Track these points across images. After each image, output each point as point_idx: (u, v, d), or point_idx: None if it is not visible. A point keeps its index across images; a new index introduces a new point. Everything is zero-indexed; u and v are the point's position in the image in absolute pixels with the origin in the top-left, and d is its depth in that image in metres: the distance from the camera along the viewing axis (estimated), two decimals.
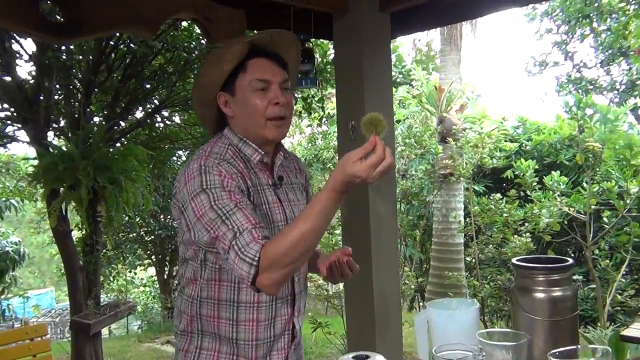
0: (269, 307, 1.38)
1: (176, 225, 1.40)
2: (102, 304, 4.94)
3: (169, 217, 9.44)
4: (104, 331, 5.62)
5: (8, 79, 4.52)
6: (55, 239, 4.87)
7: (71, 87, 4.94)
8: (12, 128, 5.07)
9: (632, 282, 5.39)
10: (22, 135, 4.90)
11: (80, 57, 4.91)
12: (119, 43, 4.81)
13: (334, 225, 5.46)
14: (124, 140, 5.45)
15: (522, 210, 5.13)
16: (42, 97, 4.63)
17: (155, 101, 5.79)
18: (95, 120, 5.23)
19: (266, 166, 1.44)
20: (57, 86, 4.82)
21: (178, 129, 6.44)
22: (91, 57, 4.79)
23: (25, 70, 7.35)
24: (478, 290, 5.32)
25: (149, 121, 5.86)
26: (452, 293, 5.82)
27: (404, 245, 7.33)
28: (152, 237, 10.12)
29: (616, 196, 4.64)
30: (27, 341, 2.59)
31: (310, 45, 3.14)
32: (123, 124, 5.53)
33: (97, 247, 4.67)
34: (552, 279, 1.42)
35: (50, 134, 4.84)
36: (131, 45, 4.81)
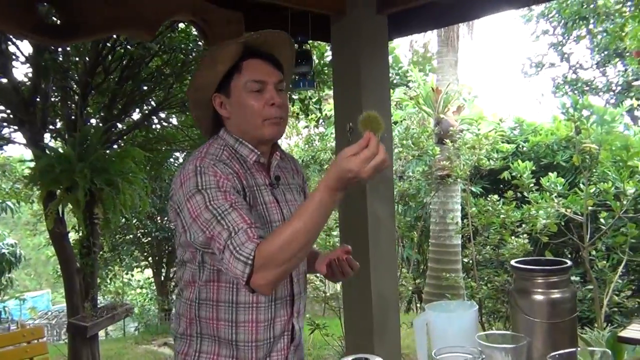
0: (268, 308, 1.37)
1: (173, 227, 1.40)
2: (99, 306, 4.93)
3: (165, 218, 9.42)
4: (100, 333, 5.61)
5: (4, 80, 4.50)
6: (52, 241, 4.85)
7: (68, 89, 4.92)
8: (9, 130, 5.05)
9: (629, 283, 5.40)
10: (19, 137, 4.89)
11: (77, 59, 4.90)
12: (116, 45, 4.81)
13: (331, 227, 5.45)
14: (121, 142, 5.44)
15: (520, 212, 5.13)
16: (38, 99, 4.62)
17: (152, 103, 5.78)
18: (92, 122, 5.22)
19: (263, 167, 1.43)
20: (54, 88, 4.81)
21: (175, 130, 6.43)
22: (88, 58, 4.78)
23: (21, 72, 7.36)
24: (475, 291, 5.32)
25: (146, 123, 5.84)
26: (450, 294, 5.83)
27: (402, 246, 7.33)
28: (149, 238, 10.10)
29: (613, 197, 4.64)
30: (24, 344, 2.59)
31: (308, 47, 3.14)
32: (120, 126, 5.52)
33: (94, 249, 4.66)
34: (551, 281, 1.42)
35: (46, 136, 4.83)
36: (128, 47, 4.80)
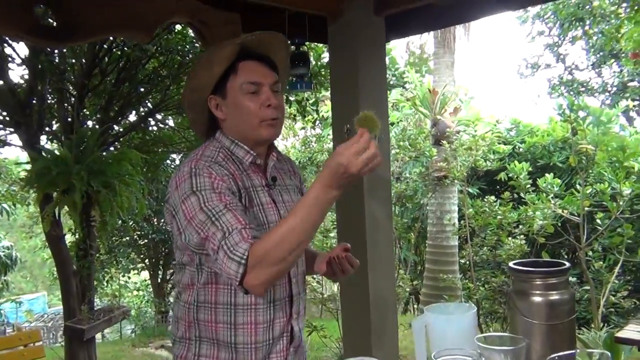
0: (266, 309, 1.37)
1: (170, 229, 1.40)
2: (96, 309, 4.91)
3: (162, 220, 9.38)
4: (97, 336, 5.57)
5: (0, 82, 4.48)
6: (48, 243, 4.83)
7: (64, 91, 4.90)
8: (5, 132, 5.02)
9: (625, 283, 5.41)
10: (15, 139, 4.87)
11: (74, 61, 4.89)
12: (113, 46, 4.79)
13: (328, 229, 5.45)
14: (117, 144, 5.42)
15: (516, 213, 5.15)
16: (35, 101, 4.59)
17: (149, 105, 5.77)
18: (89, 124, 5.20)
19: (259, 168, 1.43)
20: (50, 90, 4.79)
21: (172, 132, 6.42)
22: (84, 60, 4.77)
23: (17, 73, 7.31)
24: (473, 292, 5.33)
25: (143, 125, 5.83)
26: (447, 295, 5.83)
27: (399, 247, 7.33)
28: (146, 240, 10.05)
29: (609, 198, 4.66)
30: (21, 347, 2.58)
31: (305, 49, 3.14)
32: (117, 128, 5.50)
33: (90, 252, 4.64)
34: (550, 283, 1.43)
35: (42, 138, 4.81)
36: (125, 48, 4.78)
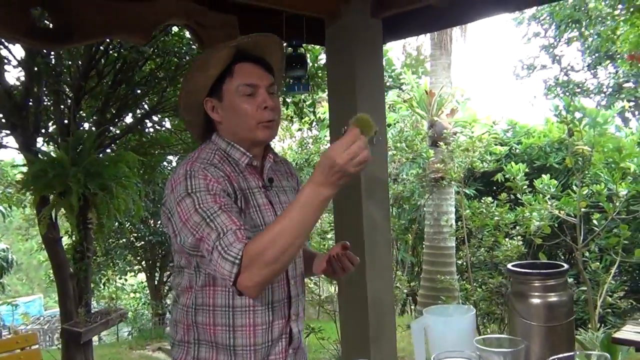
0: (265, 311, 1.36)
1: (167, 232, 1.40)
2: (93, 312, 4.89)
3: (159, 222, 9.37)
4: (94, 338, 5.56)
5: None
6: (45, 246, 4.82)
7: (61, 93, 4.89)
8: (0, 134, 5.00)
9: (622, 284, 5.44)
10: (11, 141, 4.85)
11: (70, 63, 4.88)
12: (110, 48, 4.78)
13: (326, 230, 5.46)
14: (114, 146, 5.41)
15: (513, 214, 5.16)
16: (31, 103, 4.58)
17: (146, 106, 5.76)
18: (85, 126, 5.19)
19: (255, 169, 1.43)
20: (46, 92, 4.78)
21: (169, 134, 6.41)
22: (81, 62, 4.75)
23: (13, 75, 7.29)
24: (470, 293, 5.33)
25: (139, 127, 5.81)
26: (444, 297, 5.84)
27: (396, 249, 7.34)
28: (142, 242, 10.03)
29: (605, 199, 4.68)
30: (18, 351, 2.56)
31: (303, 51, 3.14)
32: (113, 130, 5.49)
33: (87, 254, 4.63)
34: (548, 285, 1.43)
35: (39, 140, 4.79)
36: (121, 50, 4.78)
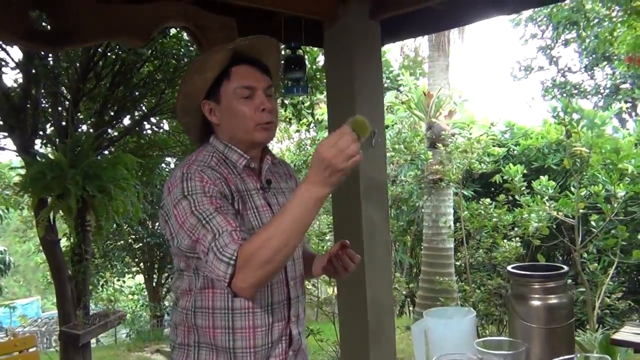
0: (264, 313, 1.36)
1: (165, 235, 1.40)
2: (91, 314, 4.88)
3: (157, 224, 9.37)
4: (92, 340, 5.54)
5: None
6: (43, 248, 4.80)
7: (59, 95, 4.88)
8: None
9: (620, 285, 5.44)
10: (9, 144, 4.84)
11: (68, 65, 4.87)
12: (108, 50, 4.78)
13: (324, 232, 5.46)
14: (112, 148, 5.41)
15: (511, 215, 5.16)
16: (29, 105, 4.57)
17: (144, 108, 5.76)
18: (84, 128, 5.19)
19: (253, 171, 1.43)
20: (44, 94, 4.77)
21: (167, 136, 6.41)
22: (79, 64, 4.75)
23: (11, 77, 7.27)
24: (469, 295, 5.33)
25: (138, 128, 5.81)
26: (443, 298, 5.84)
27: (395, 250, 7.34)
28: (140, 244, 10.03)
29: (603, 200, 4.68)
30: (16, 353, 2.56)
31: (301, 53, 3.14)
32: (111, 132, 5.48)
33: (85, 257, 4.61)
34: (548, 287, 1.43)
35: (37, 142, 4.78)
36: (120, 52, 4.78)
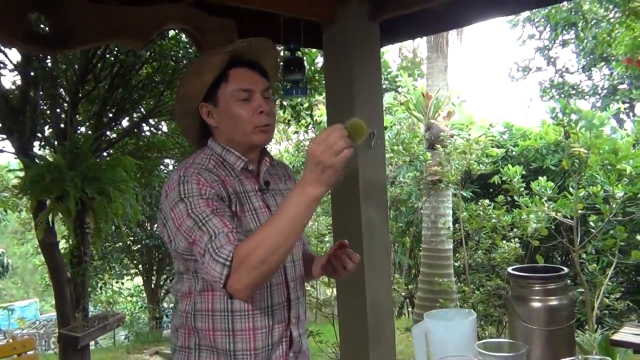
0: (264, 315, 1.36)
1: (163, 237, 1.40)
2: (90, 316, 4.87)
3: (155, 226, 9.36)
4: (90, 342, 5.53)
5: None
6: (42, 250, 4.79)
7: (57, 97, 4.88)
8: None
9: (619, 285, 5.44)
10: (7, 146, 4.83)
11: (67, 67, 4.87)
12: (106, 52, 4.78)
13: (323, 233, 5.45)
14: (111, 150, 5.40)
15: (510, 216, 5.16)
16: (27, 108, 4.56)
17: (143, 110, 5.75)
18: (82, 130, 5.18)
19: (252, 173, 1.43)
20: (43, 96, 4.76)
21: (165, 138, 6.41)
22: (77, 66, 4.75)
23: (9, 80, 7.25)
24: (468, 296, 5.33)
25: (136, 130, 5.81)
26: (442, 299, 5.84)
27: (394, 251, 7.34)
28: (139, 246, 10.02)
29: (602, 200, 4.69)
30: (15, 356, 2.55)
31: (300, 55, 3.14)
32: (110, 134, 5.48)
33: (84, 259, 4.61)
34: (549, 288, 1.44)
35: (35, 145, 4.78)
36: (118, 54, 4.78)
